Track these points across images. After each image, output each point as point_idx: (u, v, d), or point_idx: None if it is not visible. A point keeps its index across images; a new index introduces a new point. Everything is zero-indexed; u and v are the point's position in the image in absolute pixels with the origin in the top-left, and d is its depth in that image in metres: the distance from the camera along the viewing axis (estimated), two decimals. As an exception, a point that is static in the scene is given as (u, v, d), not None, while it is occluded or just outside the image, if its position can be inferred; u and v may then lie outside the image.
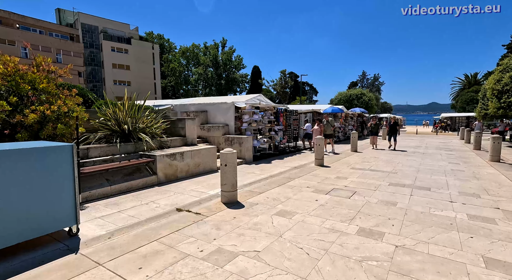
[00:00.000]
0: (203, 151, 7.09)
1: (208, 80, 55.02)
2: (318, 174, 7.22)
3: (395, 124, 12.69)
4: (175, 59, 52.64)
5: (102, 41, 44.12)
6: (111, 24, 46.29)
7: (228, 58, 54.63)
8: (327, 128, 11.47)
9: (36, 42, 35.32)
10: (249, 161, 9.01)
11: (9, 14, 34.94)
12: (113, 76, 45.40)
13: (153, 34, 58.25)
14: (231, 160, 4.51)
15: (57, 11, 46.21)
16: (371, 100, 27.41)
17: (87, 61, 44.44)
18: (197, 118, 10.03)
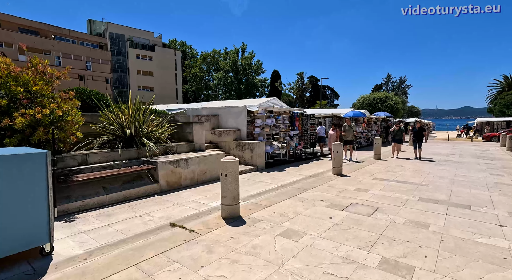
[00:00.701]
0: (210, 157, 6.67)
1: (228, 85, 55.55)
2: (335, 185, 6.50)
3: (420, 129, 10.99)
4: (196, 64, 53.83)
5: (128, 49, 46.16)
6: (136, 32, 48.36)
7: (248, 63, 54.90)
8: (348, 134, 10.53)
9: (68, 51, 37.56)
10: (261, 168, 8.47)
11: (46, 26, 37.53)
12: (138, 82, 47.23)
13: (176, 41, 60.22)
14: (232, 169, 4.01)
15: (88, 22, 49.10)
16: (397, 104, 25.74)
17: (114, 68, 46.62)
18: (208, 123, 9.71)
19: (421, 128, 11.05)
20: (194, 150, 7.27)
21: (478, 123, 32.89)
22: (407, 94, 63.00)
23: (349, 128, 10.59)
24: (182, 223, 3.84)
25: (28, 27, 35.62)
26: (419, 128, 11.03)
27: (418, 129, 10.98)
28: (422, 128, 11.09)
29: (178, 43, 60.91)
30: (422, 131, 11.01)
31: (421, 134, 10.95)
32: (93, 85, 38.93)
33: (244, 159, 8.70)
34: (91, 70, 39.54)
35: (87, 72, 39.21)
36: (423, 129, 11.12)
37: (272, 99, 10.27)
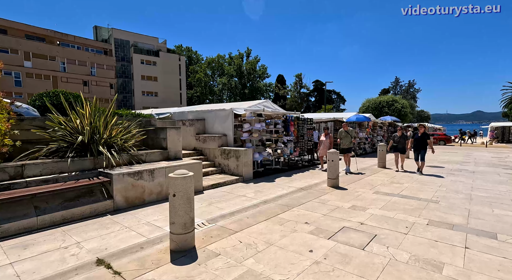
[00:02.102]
0: (183, 167, 5.79)
1: (232, 89, 55.18)
2: (328, 200, 5.50)
3: (424, 136, 8.68)
4: (201, 70, 53.77)
5: (132, 55, 46.35)
6: (141, 38, 48.63)
7: (252, 67, 54.53)
8: (344, 141, 9.15)
9: (73, 57, 37.82)
10: (247, 179, 7.54)
11: (52, 32, 37.93)
12: (142, 88, 47.26)
13: (182, 47, 60.54)
14: (182, 188, 3.11)
15: (94, 28, 49.68)
16: (405, 107, 24.44)
17: (119, 73, 46.81)
18: (192, 128, 8.88)
19: (424, 134, 8.71)
20: (168, 159, 6.42)
21: (492, 128, 31.15)
22: (416, 98, 61.21)
23: (346, 134, 9.16)
24: (112, 260, 2.94)
25: (34, 34, 36.03)
26: (422, 134, 8.70)
27: (421, 135, 8.70)
28: (426, 135, 8.74)
29: (184, 48, 61.27)
30: (426, 138, 8.65)
31: (425, 142, 8.62)
32: (97, 91, 39.00)
33: (229, 168, 7.79)
34: (95, 76, 39.68)
35: (92, 77, 39.34)
36: (427, 135, 8.74)
37: (264, 102, 9.39)
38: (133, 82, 46.58)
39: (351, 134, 9.26)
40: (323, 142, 9.07)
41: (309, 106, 64.82)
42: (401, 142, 9.48)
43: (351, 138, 9.23)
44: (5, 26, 33.88)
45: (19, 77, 33.42)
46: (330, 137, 9.07)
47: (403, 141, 9.46)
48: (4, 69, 31.85)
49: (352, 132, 9.30)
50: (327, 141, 9.01)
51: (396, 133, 9.70)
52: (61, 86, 35.70)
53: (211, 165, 8.13)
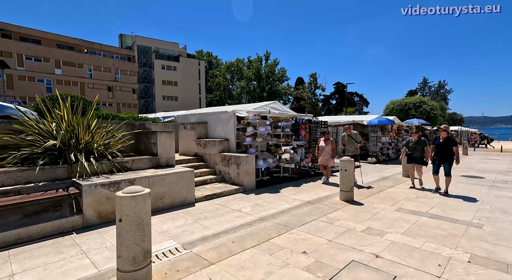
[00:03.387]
0: (170, 177, 5.13)
1: (251, 93, 54.89)
2: (337, 220, 4.55)
3: (448, 142, 6.39)
4: (220, 74, 54.18)
5: (154, 60, 47.78)
6: (162, 44, 50.04)
7: (271, 70, 53.97)
8: (349, 147, 7.69)
9: (98, 63, 39.60)
10: (249, 189, 6.74)
11: (81, 41, 40.06)
12: (162, 92, 48.46)
13: (203, 52, 61.65)
14: (131, 211, 2.40)
15: (119, 36, 51.96)
16: (434, 109, 22.28)
17: (141, 79, 48.40)
18: (193, 131, 8.27)
19: (448, 139, 6.42)
20: (158, 166, 5.81)
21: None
22: (448, 100, 56.81)
23: (350, 139, 7.67)
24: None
25: (65, 43, 38.24)
26: (446, 140, 6.42)
27: (444, 141, 6.43)
28: (451, 140, 6.43)
29: (204, 54, 62.39)
30: (451, 145, 6.35)
31: (449, 150, 6.34)
32: (120, 96, 40.50)
33: (230, 176, 7.05)
34: (119, 82, 41.23)
35: (116, 83, 40.92)
36: (453, 141, 6.43)
37: (271, 103, 8.57)
38: (154, 87, 47.91)
39: (355, 138, 7.71)
40: (324, 149, 7.58)
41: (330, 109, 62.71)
42: (417, 148, 7.06)
43: (357, 143, 7.63)
44: (39, 36, 36.29)
45: (50, 84, 35.47)
46: (332, 142, 7.64)
47: (421, 147, 7.02)
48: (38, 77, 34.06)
49: (357, 137, 7.72)
50: (329, 147, 7.56)
51: (410, 138, 7.35)
52: (88, 92, 37.43)
53: (211, 172, 7.45)
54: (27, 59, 33.54)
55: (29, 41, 34.84)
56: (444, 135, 6.47)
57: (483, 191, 6.84)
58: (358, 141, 7.60)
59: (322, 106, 63.76)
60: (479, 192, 6.73)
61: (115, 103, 40.88)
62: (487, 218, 4.68)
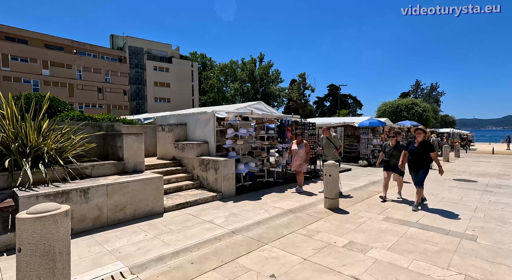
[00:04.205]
0: (134, 184, 4.60)
1: (245, 95, 54.50)
2: (318, 232, 4.06)
3: (424, 146, 5.28)
4: (214, 76, 53.70)
5: (145, 62, 47.10)
6: (154, 45, 49.44)
7: (265, 72, 53.70)
8: (326, 151, 6.74)
9: (88, 64, 38.73)
10: (227, 196, 6.23)
11: (70, 41, 39.20)
12: (154, 94, 47.76)
13: (197, 53, 61.20)
14: (33, 237, 1.86)
15: (111, 37, 51.17)
16: (426, 111, 22.11)
17: (132, 80, 47.60)
18: (171, 133, 7.73)
19: (424, 144, 5.27)
20: (124, 172, 5.26)
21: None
22: (440, 102, 57.23)
23: (327, 142, 6.68)
24: None
25: (54, 43, 37.29)
26: (422, 144, 5.27)
27: (419, 146, 5.29)
28: (428, 145, 5.29)
29: (198, 55, 61.95)
30: (428, 150, 5.23)
31: (425, 156, 5.25)
32: (111, 97, 39.62)
33: (208, 182, 6.53)
34: (109, 83, 40.37)
35: (106, 84, 40.05)
36: (430, 146, 5.31)
37: (256, 104, 8.10)
38: (146, 89, 47.14)
39: (334, 142, 6.64)
40: (297, 152, 6.63)
41: (324, 111, 62.69)
42: (395, 154, 5.89)
43: (337, 146, 6.64)
44: (26, 36, 35.29)
45: (38, 85, 34.46)
46: (306, 145, 6.72)
47: (399, 153, 5.81)
48: (24, 77, 33.05)
49: (336, 140, 6.69)
50: (302, 150, 6.62)
51: (388, 142, 6.23)
52: (77, 93, 36.52)
53: (189, 177, 6.92)
54: (12, 59, 32.55)
55: (15, 41, 33.83)
56: (420, 139, 5.29)
57: (477, 196, 6.46)
58: (337, 146, 6.64)
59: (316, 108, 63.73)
60: (472, 198, 6.35)
61: (105, 105, 39.97)
62: (482, 229, 4.25)
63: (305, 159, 6.69)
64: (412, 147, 5.42)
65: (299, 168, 6.74)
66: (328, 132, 6.79)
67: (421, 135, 5.33)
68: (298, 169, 6.76)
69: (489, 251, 3.43)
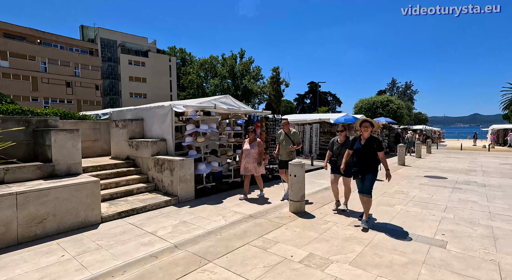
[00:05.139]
0: (58, 191, 3.81)
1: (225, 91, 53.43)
2: (275, 243, 3.53)
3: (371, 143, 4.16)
4: (193, 71, 52.05)
5: (120, 55, 44.64)
6: (129, 38, 47.03)
7: (246, 68, 52.88)
8: (282, 149, 5.73)
9: (55, 56, 35.99)
10: (184, 200, 5.56)
11: (33, 31, 36.19)
12: (129, 89, 45.54)
13: (175, 48, 59.05)
14: None
15: (80, 27, 48.04)
16: (401, 108, 22.56)
17: (105, 74, 45.04)
18: (125, 130, 6.90)
19: (372, 141, 4.15)
20: (53, 175, 4.43)
21: (494, 131, 29.42)
22: (414, 100, 59.49)
23: (286, 138, 5.70)
24: None
25: (14, 33, 34.12)
26: (369, 141, 4.17)
27: (366, 143, 4.17)
28: (376, 142, 4.15)
29: (177, 50, 59.79)
30: (376, 149, 4.13)
31: (373, 156, 4.15)
32: (82, 92, 37.06)
33: (163, 184, 5.82)
34: (79, 77, 37.75)
35: (76, 78, 37.42)
36: (379, 144, 4.16)
37: (222, 98, 7.45)
38: (120, 84, 44.78)
39: (292, 139, 5.68)
40: (249, 153, 5.67)
41: (304, 108, 63.08)
42: (344, 154, 4.68)
43: (292, 144, 5.65)
44: (-20, 24, 32.02)
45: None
46: (259, 144, 5.69)
47: (344, 149, 4.76)
48: (-22, 69, 29.93)
49: (296, 137, 5.71)
50: (255, 150, 5.64)
51: (336, 138, 5.12)
52: (42, 87, 33.79)
53: (143, 180, 6.16)
54: (-37, 49, 29.43)
55: (-33, 28, 30.60)
56: (367, 134, 4.16)
57: (446, 195, 6.28)
58: (296, 143, 5.66)
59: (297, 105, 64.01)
60: (442, 196, 6.15)
61: (75, 100, 37.39)
62: (452, 232, 3.93)
63: (259, 160, 5.68)
64: (357, 145, 4.22)
65: (252, 171, 5.72)
66: (288, 127, 5.81)
67: (368, 130, 4.16)
68: (247, 172, 5.74)
69: (459, 261, 3.06)
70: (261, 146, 5.78)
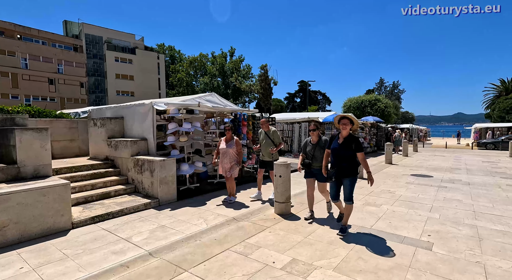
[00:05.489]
0: (21, 196, 3.49)
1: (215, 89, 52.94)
2: (258, 248, 3.35)
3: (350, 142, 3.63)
4: (182, 69, 51.19)
5: (105, 52, 43.36)
6: (115, 34, 45.76)
7: (236, 67, 52.47)
8: (264, 147, 5.46)
9: (37, 52, 34.55)
10: (165, 202, 5.30)
11: (12, 25, 34.61)
12: (116, 87, 44.35)
13: (164, 45, 57.96)
14: None
15: (64, 23, 46.47)
16: (388, 107, 22.87)
17: (90, 72, 43.70)
18: (104, 129, 6.56)
19: (351, 140, 3.63)
20: (18, 178, 4.10)
21: (477, 129, 30.32)
22: (401, 100, 60.68)
23: (265, 137, 5.43)
24: None
25: (-9, 27, 32.54)
26: (347, 140, 3.65)
27: (343, 142, 3.65)
28: (355, 142, 3.63)
29: (166, 48, 58.68)
30: (355, 149, 3.60)
31: (353, 158, 3.66)
32: (66, 90, 35.72)
33: (143, 186, 5.54)
34: (63, 74, 36.39)
35: (59, 75, 36.07)
36: (358, 144, 3.62)
37: (207, 96, 7.20)
38: (106, 81, 43.54)
39: (272, 138, 5.38)
40: (226, 152, 5.24)
41: (295, 107, 63.27)
42: (317, 156, 4.28)
43: (274, 144, 5.38)
44: (-46, 17, 30.23)
45: (-31, 74, 29.99)
46: (237, 143, 5.27)
47: (323, 153, 4.11)
48: (-48, 65, 28.34)
49: (276, 136, 5.42)
50: (232, 149, 5.24)
51: (308, 138, 4.54)
52: (22, 84, 32.38)
53: (122, 181, 5.85)
54: None
55: None
56: (345, 133, 3.62)
57: (432, 193, 6.28)
58: (276, 142, 5.38)
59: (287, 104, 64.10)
60: (428, 194, 6.14)
61: (58, 98, 36.07)
62: (438, 233, 3.87)
63: (237, 161, 5.29)
64: (334, 145, 3.72)
65: (229, 172, 5.26)
66: (267, 126, 5.51)
67: (347, 127, 3.62)
68: (227, 173, 5.28)
69: (445, 264, 2.97)
70: (239, 145, 5.37)
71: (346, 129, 3.67)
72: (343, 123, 3.68)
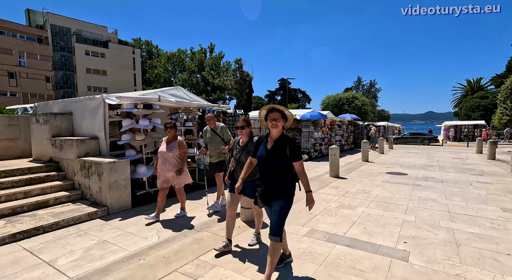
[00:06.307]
0: None
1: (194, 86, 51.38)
2: (212, 267, 2.81)
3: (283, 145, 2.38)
4: (160, 65, 49.11)
5: (74, 44, 40.49)
6: (86, 26, 42.87)
7: (216, 63, 51.25)
8: (211, 148, 4.69)
9: (-7, 43, 31.36)
10: (118, 209, 4.61)
11: (-36, 12, 30.99)
12: (87, 82, 41.62)
13: (141, 40, 55.33)
14: None
15: (26, 11, 42.81)
16: (365, 105, 23.19)
17: (58, 65, 40.68)
18: (47, 126, 5.68)
19: (285, 142, 2.39)
20: None
21: (446, 127, 31.80)
22: (377, 98, 62.63)
23: (213, 135, 4.67)
24: None
25: None
26: (280, 141, 2.40)
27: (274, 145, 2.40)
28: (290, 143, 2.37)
29: (143, 42, 56.05)
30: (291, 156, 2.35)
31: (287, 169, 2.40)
32: (29, 84, 32.84)
33: (91, 192, 4.79)
34: (25, 67, 33.44)
35: (21, 69, 33.11)
36: (294, 147, 2.36)
37: (172, 90, 6.50)
38: (76, 76, 40.74)
39: (221, 135, 4.65)
40: (166, 157, 4.14)
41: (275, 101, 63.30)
42: (244, 161, 2.96)
43: (224, 142, 4.65)
44: None
45: None
46: (181, 145, 4.21)
47: (245, 156, 3.07)
48: None
49: (225, 132, 4.69)
50: (174, 153, 4.15)
51: (238, 138, 3.31)
52: (-23, 77, 29.36)
53: (67, 187, 5.05)
54: None
55: None
56: (276, 133, 2.44)
57: (407, 192, 6.09)
58: (226, 140, 4.62)
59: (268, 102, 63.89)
60: (403, 194, 5.93)
61: (20, 93, 33.16)
62: (414, 239, 3.55)
63: (179, 167, 4.17)
64: (261, 152, 2.49)
65: (165, 184, 4.19)
66: (214, 122, 4.66)
67: (279, 124, 2.41)
68: (166, 183, 4.19)
69: (423, 278, 2.61)
70: (184, 147, 4.23)
71: (278, 128, 2.41)
72: (273, 119, 2.39)
